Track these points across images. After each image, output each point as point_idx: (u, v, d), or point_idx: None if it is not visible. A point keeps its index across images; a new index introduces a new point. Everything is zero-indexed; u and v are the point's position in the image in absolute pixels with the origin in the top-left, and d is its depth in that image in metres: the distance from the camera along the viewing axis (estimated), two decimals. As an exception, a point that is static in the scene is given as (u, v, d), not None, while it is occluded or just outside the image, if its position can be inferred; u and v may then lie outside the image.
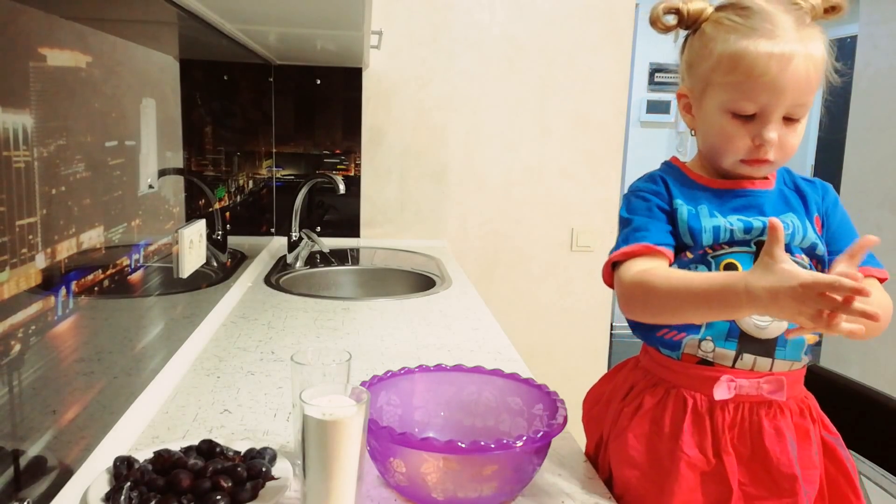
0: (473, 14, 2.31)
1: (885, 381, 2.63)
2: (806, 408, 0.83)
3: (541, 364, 1.40)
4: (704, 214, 0.83)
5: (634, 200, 0.86)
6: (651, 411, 0.83)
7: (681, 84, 0.88)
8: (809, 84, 0.78)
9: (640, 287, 0.79)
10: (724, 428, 0.79)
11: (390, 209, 2.39)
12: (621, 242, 0.84)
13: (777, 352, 0.80)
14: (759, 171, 0.84)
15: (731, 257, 0.81)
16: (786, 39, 0.76)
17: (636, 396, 0.86)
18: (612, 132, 2.44)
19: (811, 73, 0.77)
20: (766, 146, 0.79)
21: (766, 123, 0.79)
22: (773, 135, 0.79)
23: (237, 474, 0.74)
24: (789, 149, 0.81)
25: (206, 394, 1.07)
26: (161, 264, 1.10)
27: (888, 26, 2.79)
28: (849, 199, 2.98)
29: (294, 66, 2.28)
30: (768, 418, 0.79)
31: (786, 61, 0.76)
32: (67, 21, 0.75)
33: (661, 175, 0.88)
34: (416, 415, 0.91)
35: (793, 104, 0.78)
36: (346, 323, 1.48)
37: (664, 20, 0.84)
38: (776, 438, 0.79)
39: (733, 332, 0.80)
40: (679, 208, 0.83)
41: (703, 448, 0.79)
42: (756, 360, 0.80)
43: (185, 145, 1.24)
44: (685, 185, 0.87)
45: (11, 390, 0.62)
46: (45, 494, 0.68)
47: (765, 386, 0.79)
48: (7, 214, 0.61)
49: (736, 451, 0.79)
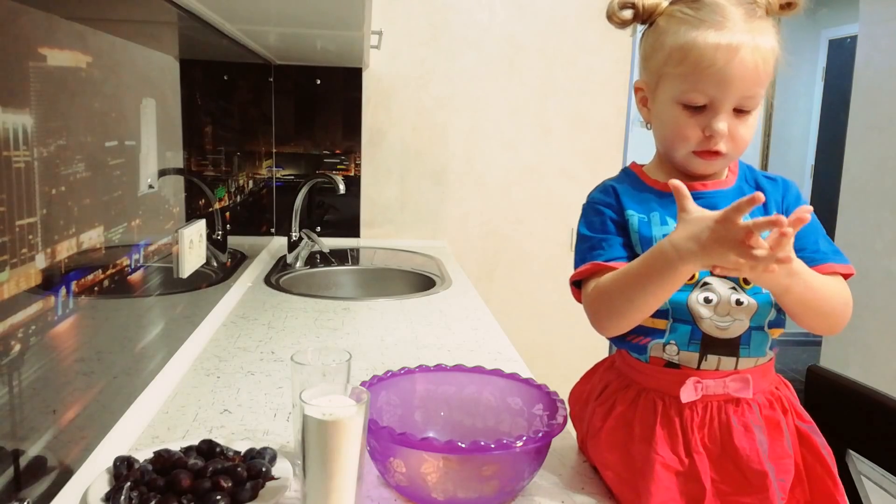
0: (473, 14, 2.31)
1: (885, 381, 2.63)
2: (776, 399, 0.84)
3: (541, 364, 1.40)
4: (655, 222, 0.83)
5: (590, 215, 0.88)
6: (623, 415, 0.84)
7: (638, 78, 0.89)
8: (758, 76, 0.78)
9: (598, 299, 0.81)
10: (694, 428, 0.80)
11: (390, 209, 2.39)
12: (578, 262, 0.86)
13: (741, 350, 0.81)
14: (712, 164, 0.83)
15: None
16: (734, 31, 0.76)
17: (609, 398, 0.87)
18: (612, 132, 2.44)
19: (759, 64, 0.77)
20: (716, 137, 0.79)
21: (716, 114, 0.79)
22: (722, 125, 0.79)
23: (237, 474, 0.74)
24: (740, 141, 0.81)
25: (206, 394, 1.07)
26: (161, 264, 1.10)
27: (888, 26, 2.79)
28: (849, 199, 2.99)
29: (294, 66, 2.28)
30: (736, 415, 0.80)
31: (732, 52, 0.76)
32: (67, 21, 0.75)
33: (613, 185, 0.88)
34: (416, 415, 0.91)
35: (742, 95, 0.78)
36: (346, 323, 1.48)
37: (620, 14, 0.85)
38: (745, 435, 0.80)
39: (695, 335, 0.80)
40: (630, 218, 0.84)
41: (675, 449, 0.80)
42: (720, 360, 0.81)
43: (185, 145, 1.24)
44: (639, 191, 0.87)
45: (11, 390, 0.62)
46: (45, 494, 0.68)
47: (731, 384, 0.79)
48: (7, 214, 0.61)
49: (707, 449, 0.80)
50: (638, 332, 0.83)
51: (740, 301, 0.79)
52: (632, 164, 0.92)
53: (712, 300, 0.80)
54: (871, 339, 2.76)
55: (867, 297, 2.73)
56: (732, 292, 0.80)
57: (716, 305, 0.80)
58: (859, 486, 0.97)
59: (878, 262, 2.77)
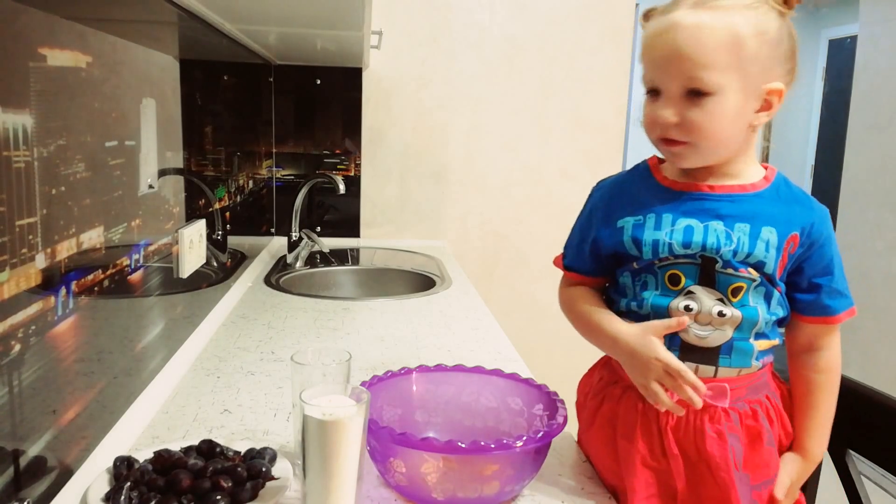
0: (473, 14, 2.31)
1: (885, 381, 2.63)
2: (763, 409, 0.83)
3: (541, 364, 1.40)
4: (649, 226, 0.82)
5: (588, 205, 0.91)
6: (610, 410, 0.86)
7: None
8: (700, 56, 0.75)
9: (564, 305, 0.93)
10: (668, 430, 0.81)
11: (390, 209, 2.39)
12: (565, 247, 0.94)
13: (721, 359, 0.80)
14: (674, 154, 0.80)
15: (675, 268, 0.80)
16: (676, 13, 0.76)
17: (598, 393, 0.89)
18: (612, 132, 2.44)
19: (699, 44, 0.75)
20: (658, 122, 0.79)
21: (658, 100, 0.79)
22: (663, 111, 0.78)
23: (237, 474, 0.74)
24: (694, 128, 0.77)
25: (206, 394, 1.07)
26: (161, 264, 1.10)
27: (888, 26, 2.79)
28: (849, 199, 2.99)
29: (294, 66, 2.28)
30: (711, 422, 0.80)
31: (664, 31, 0.76)
32: (67, 21, 0.75)
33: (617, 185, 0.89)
34: (416, 415, 0.91)
35: (688, 76, 0.76)
36: (346, 323, 1.48)
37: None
38: (717, 442, 0.80)
39: (674, 341, 0.80)
40: (624, 225, 0.83)
41: (653, 448, 0.82)
42: (699, 367, 0.80)
43: (185, 145, 1.24)
44: (644, 188, 0.85)
45: (11, 390, 0.62)
46: (45, 494, 0.68)
47: (707, 392, 0.79)
48: (7, 214, 0.61)
49: (683, 453, 0.81)
50: None
51: (723, 313, 0.79)
52: (652, 158, 0.90)
53: (693, 308, 0.79)
54: (871, 339, 2.76)
55: (867, 298, 2.73)
56: (717, 304, 0.79)
57: (696, 314, 0.79)
58: (859, 486, 0.97)
59: (878, 262, 2.77)
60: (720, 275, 0.79)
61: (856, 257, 2.86)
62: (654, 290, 0.81)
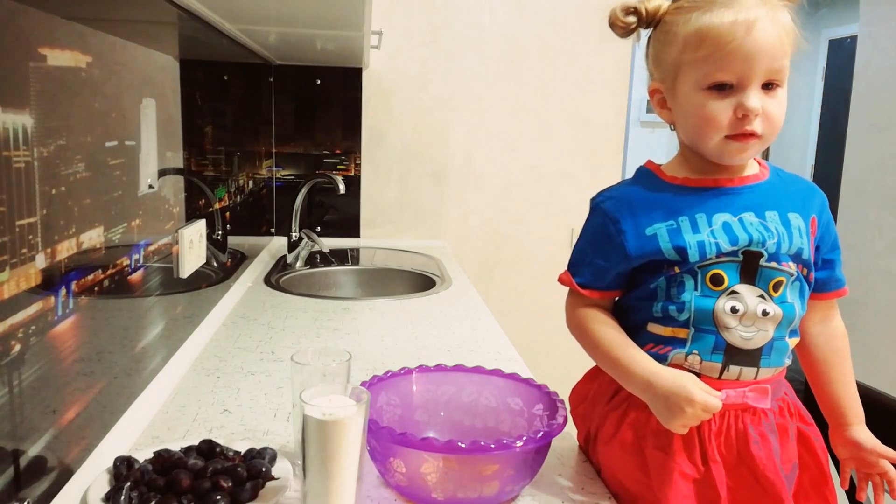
0: (473, 14, 2.31)
1: (885, 381, 2.62)
2: (785, 405, 0.84)
3: (541, 364, 1.40)
4: (686, 229, 0.80)
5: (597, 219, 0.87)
6: (637, 420, 0.83)
7: (651, 82, 0.86)
8: (782, 46, 0.76)
9: (576, 329, 0.88)
10: (711, 437, 0.79)
11: (390, 209, 2.39)
12: (571, 260, 0.89)
13: (762, 360, 0.80)
14: (747, 148, 0.79)
15: (717, 268, 0.79)
16: (747, 7, 0.76)
17: (621, 403, 0.85)
18: (612, 132, 2.44)
19: (781, 35, 0.76)
20: (750, 115, 0.76)
21: (745, 92, 0.77)
22: (755, 102, 0.76)
23: (237, 474, 0.74)
24: (775, 119, 0.78)
25: (206, 394, 1.07)
26: (161, 264, 1.10)
27: (888, 26, 2.79)
28: (849, 199, 2.99)
29: (294, 66, 2.28)
30: (753, 424, 0.80)
31: (750, 25, 0.75)
32: (67, 21, 0.75)
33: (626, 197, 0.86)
34: (416, 415, 0.91)
35: (768, 68, 0.76)
36: (346, 323, 1.48)
37: (624, 20, 0.83)
38: (761, 444, 0.79)
39: (719, 345, 0.79)
40: (657, 232, 0.81)
41: (692, 457, 0.79)
42: (742, 370, 0.79)
43: (185, 145, 1.24)
44: (656, 191, 0.84)
45: (11, 390, 0.62)
46: (45, 494, 0.68)
47: (750, 395, 0.78)
48: (7, 214, 0.61)
49: (723, 458, 0.79)
50: (655, 342, 0.81)
51: (767, 311, 0.78)
52: (648, 163, 0.89)
53: (739, 310, 0.78)
54: (871, 339, 2.76)
55: (867, 297, 2.73)
56: (760, 301, 0.78)
57: (742, 315, 0.78)
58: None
59: (878, 262, 2.77)
60: (764, 269, 0.79)
61: (856, 257, 2.86)
62: (694, 292, 0.79)
